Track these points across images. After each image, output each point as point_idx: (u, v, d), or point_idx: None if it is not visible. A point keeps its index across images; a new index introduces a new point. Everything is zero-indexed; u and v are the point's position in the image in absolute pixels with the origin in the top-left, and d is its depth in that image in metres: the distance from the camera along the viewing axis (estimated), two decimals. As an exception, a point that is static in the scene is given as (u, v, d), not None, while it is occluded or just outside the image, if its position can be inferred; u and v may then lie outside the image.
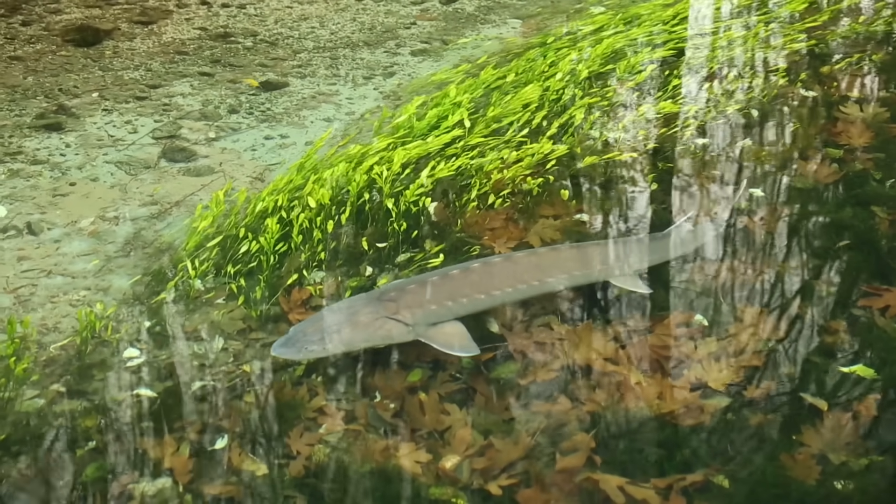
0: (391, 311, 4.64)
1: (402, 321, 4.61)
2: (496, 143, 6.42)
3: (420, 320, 4.65)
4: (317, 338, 4.53)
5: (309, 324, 4.67)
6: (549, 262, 5.10)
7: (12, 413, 4.41)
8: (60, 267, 5.66)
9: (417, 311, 4.66)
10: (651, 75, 7.60)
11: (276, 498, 3.94)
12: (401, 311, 4.64)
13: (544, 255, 5.17)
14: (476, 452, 4.09)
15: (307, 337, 4.53)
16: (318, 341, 4.52)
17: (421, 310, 4.67)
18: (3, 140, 7.27)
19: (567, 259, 5.16)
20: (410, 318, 4.63)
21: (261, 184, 6.64)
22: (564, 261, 5.14)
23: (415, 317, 4.64)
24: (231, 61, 8.99)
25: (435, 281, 4.83)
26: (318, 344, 4.51)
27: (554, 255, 5.18)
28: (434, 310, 4.70)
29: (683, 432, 4.19)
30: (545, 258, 5.14)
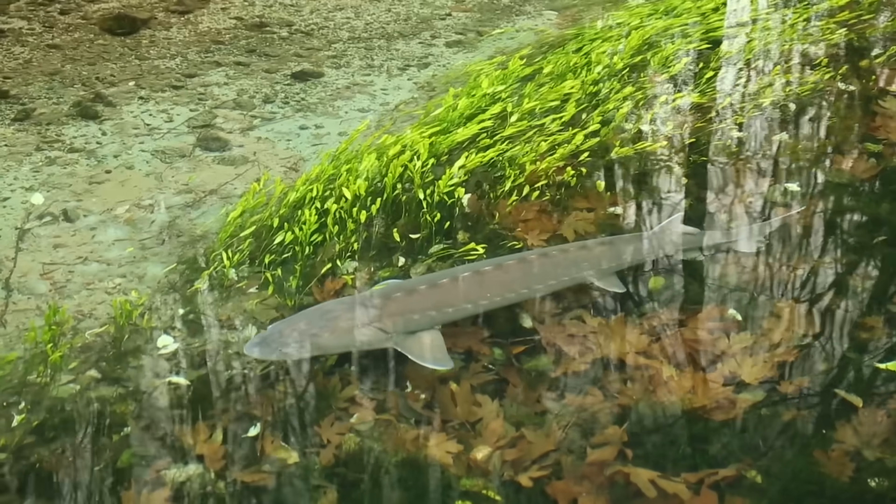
0: (372, 318, 4.58)
1: (382, 329, 4.55)
2: (530, 134, 6.40)
3: (401, 328, 4.58)
4: (293, 339, 4.46)
5: (287, 324, 4.58)
6: (538, 269, 4.99)
7: (48, 398, 4.45)
8: (96, 254, 5.70)
9: (399, 320, 4.59)
10: (686, 67, 7.55)
11: (306, 487, 3.95)
12: (382, 319, 4.57)
13: (534, 261, 5.01)
14: (507, 444, 4.09)
15: (283, 338, 4.46)
16: (293, 343, 4.45)
17: (402, 318, 4.60)
18: (41, 128, 7.33)
19: (557, 265, 5.03)
20: (391, 327, 4.56)
21: (295, 174, 6.66)
22: (553, 267, 5.01)
23: (395, 325, 4.57)
24: (266, 51, 9.01)
25: (422, 290, 4.74)
26: (294, 346, 4.44)
27: (543, 262, 5.02)
28: (416, 319, 4.62)
29: (716, 427, 4.16)
30: (534, 264, 5.00)
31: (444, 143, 6.19)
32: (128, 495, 3.90)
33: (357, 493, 3.92)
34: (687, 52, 7.95)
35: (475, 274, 4.85)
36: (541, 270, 4.96)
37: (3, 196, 6.33)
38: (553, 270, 4.98)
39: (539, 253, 5.10)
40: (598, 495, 3.81)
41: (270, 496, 3.91)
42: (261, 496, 3.92)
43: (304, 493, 3.91)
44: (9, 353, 4.78)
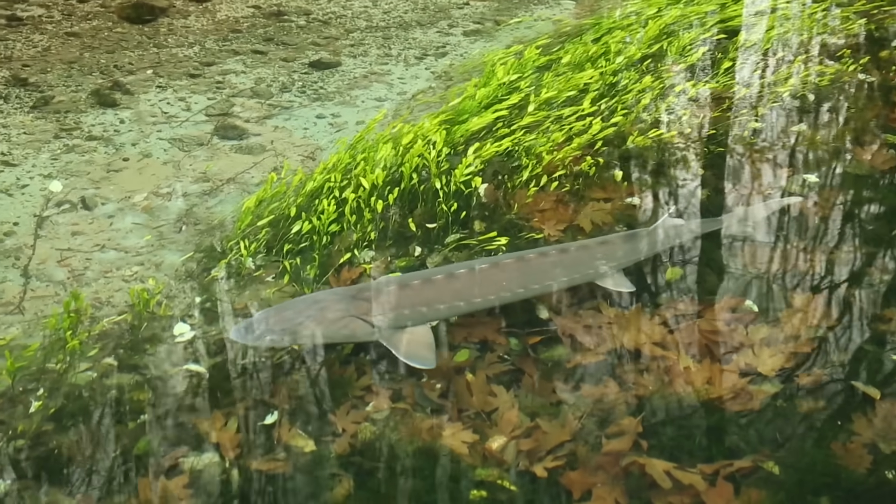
0: (361, 310, 4.53)
1: (369, 322, 4.50)
2: (547, 124, 6.38)
3: (390, 323, 4.53)
4: (278, 328, 4.44)
5: (274, 312, 4.56)
6: (534, 269, 4.87)
7: (66, 385, 4.47)
8: (113, 242, 5.72)
9: (388, 314, 4.55)
10: (704, 57, 7.52)
11: (322, 475, 3.96)
12: (371, 312, 4.53)
13: (532, 261, 4.89)
14: (522, 434, 4.09)
15: (269, 326, 4.44)
16: (278, 332, 4.43)
17: (392, 313, 4.56)
18: (60, 115, 7.35)
19: (555, 265, 4.91)
20: (379, 320, 4.52)
21: (312, 163, 6.67)
22: (551, 266, 4.90)
23: (384, 319, 4.53)
24: (284, 40, 9.02)
25: (415, 284, 4.69)
26: (279, 334, 4.43)
27: (540, 262, 4.90)
28: (406, 315, 4.58)
29: (732, 418, 4.16)
30: (532, 264, 4.88)
31: (459, 131, 6.19)
32: (144, 482, 3.91)
33: (372, 481, 3.93)
34: (705, 41, 7.92)
35: (470, 271, 4.78)
36: (539, 270, 4.87)
37: (22, 183, 6.36)
38: (551, 270, 4.89)
39: (538, 252, 4.98)
40: (613, 486, 3.81)
41: (286, 484, 3.93)
42: (277, 484, 3.93)
43: (320, 481, 3.92)
44: (27, 339, 4.81)
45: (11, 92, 7.76)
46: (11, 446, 4.11)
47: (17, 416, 4.28)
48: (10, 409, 4.34)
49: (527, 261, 4.89)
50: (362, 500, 3.84)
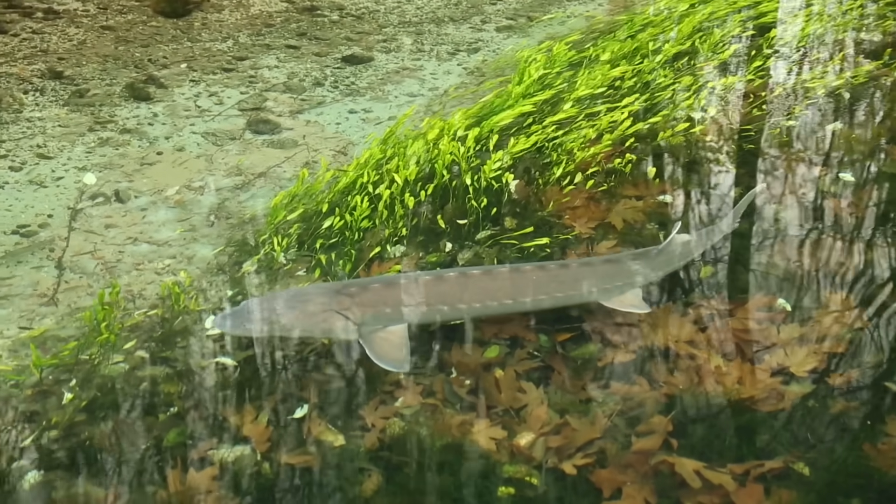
0: (343, 306, 4.45)
1: (350, 318, 4.43)
2: (579, 121, 6.36)
3: (370, 321, 4.45)
4: (259, 317, 4.41)
5: (258, 302, 4.54)
6: (529, 280, 4.71)
7: (98, 377, 4.50)
8: (146, 235, 5.76)
9: (369, 311, 4.46)
10: (738, 54, 7.47)
11: (351, 469, 3.97)
12: (352, 309, 4.44)
13: (527, 273, 4.74)
14: (551, 431, 4.08)
15: (250, 315, 4.42)
16: (258, 320, 4.40)
17: (373, 310, 4.47)
18: (94, 109, 7.41)
19: (551, 279, 4.72)
20: (359, 317, 4.43)
21: (343, 157, 6.68)
22: (547, 281, 4.71)
23: (364, 316, 4.44)
24: (317, 35, 9.04)
25: (402, 284, 4.63)
26: (258, 324, 4.40)
27: (537, 274, 4.74)
28: (388, 313, 4.50)
29: (763, 418, 4.13)
30: (527, 276, 4.73)
31: (488, 126, 6.16)
32: (174, 474, 3.94)
33: (401, 476, 3.93)
34: (739, 38, 7.87)
35: (461, 276, 4.69)
36: (533, 282, 4.71)
37: (57, 176, 6.41)
38: (546, 285, 4.70)
39: (536, 265, 4.84)
40: (642, 485, 3.80)
41: (316, 478, 3.94)
42: (306, 478, 3.94)
43: (349, 475, 3.93)
44: (61, 331, 4.85)
45: (47, 85, 7.82)
46: (45, 437, 4.15)
47: (50, 408, 4.32)
48: (43, 400, 4.38)
49: (522, 272, 4.76)
50: (391, 494, 3.85)
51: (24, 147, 6.79)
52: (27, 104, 7.48)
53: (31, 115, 7.29)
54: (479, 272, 4.74)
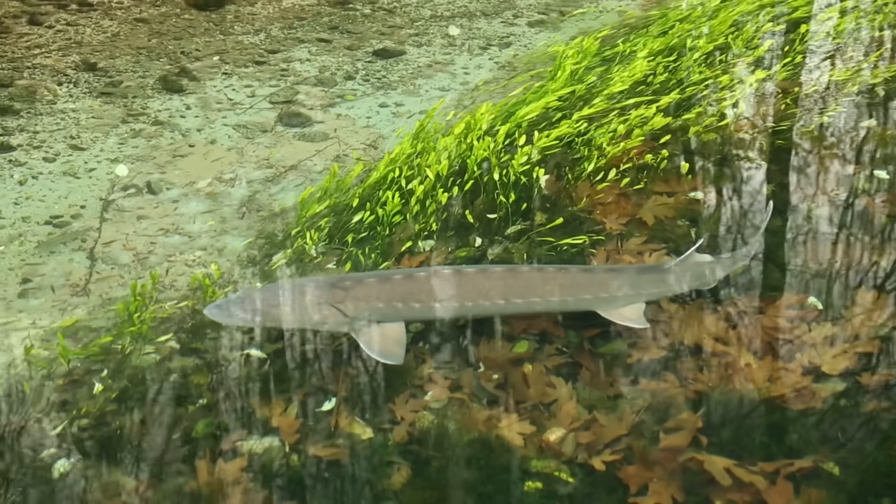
0: (337, 299, 4.46)
1: (343, 311, 4.44)
2: (611, 116, 6.33)
3: (363, 315, 4.46)
4: (251, 307, 4.45)
5: (254, 291, 4.59)
6: (522, 282, 4.67)
7: (129, 367, 4.53)
8: (177, 226, 5.79)
9: (363, 305, 4.47)
10: (771, 50, 7.42)
11: (380, 462, 3.97)
12: (346, 302, 4.45)
13: (522, 275, 4.73)
14: (580, 427, 4.07)
15: (243, 304, 4.46)
16: (250, 311, 4.44)
17: (367, 304, 4.47)
18: (127, 100, 7.45)
19: (546, 282, 4.66)
20: (352, 311, 4.44)
21: (374, 151, 6.69)
22: (541, 284, 4.66)
23: (358, 310, 4.45)
24: (349, 28, 9.05)
25: (396, 279, 4.61)
26: (250, 314, 4.44)
27: (532, 276, 4.72)
28: (381, 308, 4.50)
29: (793, 416, 4.10)
30: (521, 278, 4.70)
31: (515, 120, 6.14)
32: (203, 465, 3.96)
33: (429, 470, 3.94)
34: (773, 34, 7.81)
35: (455, 273, 4.67)
36: (528, 284, 4.66)
37: (90, 167, 6.46)
38: (541, 287, 4.65)
39: (537, 268, 4.84)
40: (670, 481, 3.78)
41: (344, 471, 3.95)
42: (334, 470, 3.95)
43: (377, 468, 3.93)
44: (92, 321, 4.89)
45: (81, 76, 7.87)
46: (75, 426, 4.18)
47: (81, 397, 4.35)
48: (74, 389, 4.41)
49: (518, 273, 4.75)
50: (419, 488, 3.85)
51: (57, 138, 6.84)
52: (61, 96, 7.54)
53: (65, 107, 7.34)
54: (473, 270, 4.72)
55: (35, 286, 5.22)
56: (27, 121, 7.09)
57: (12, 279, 5.28)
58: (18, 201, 6.03)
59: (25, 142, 6.77)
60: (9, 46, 8.40)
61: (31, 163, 6.50)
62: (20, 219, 5.84)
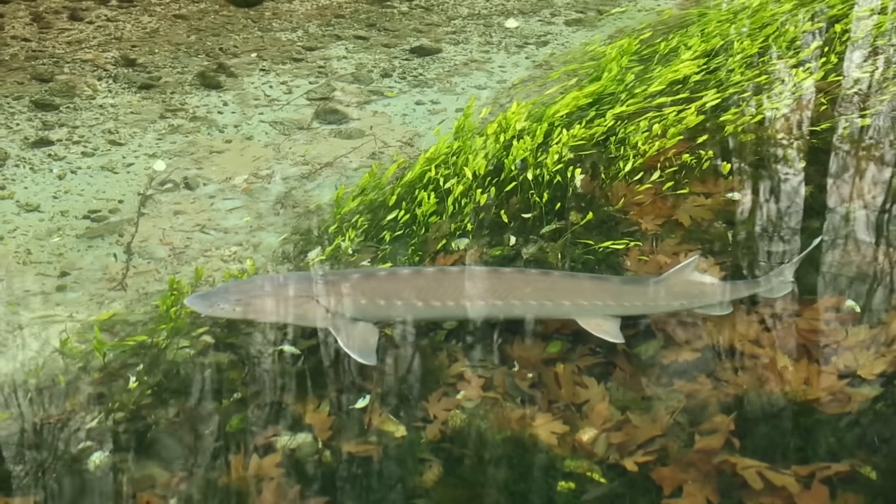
0: (319, 294, 4.47)
1: (324, 306, 4.44)
2: (648, 115, 6.29)
3: (345, 311, 4.45)
4: (232, 298, 4.43)
5: (236, 283, 4.59)
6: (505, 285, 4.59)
7: (165, 361, 4.56)
8: (213, 222, 5.82)
9: (345, 301, 4.46)
10: (811, 50, 7.35)
11: (412, 460, 3.98)
12: (328, 297, 4.46)
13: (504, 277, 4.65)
14: (613, 427, 4.06)
15: (226, 295, 4.45)
16: (231, 302, 4.42)
17: (350, 300, 4.47)
18: (166, 96, 7.50)
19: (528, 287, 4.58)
20: (334, 306, 4.44)
21: (410, 148, 6.69)
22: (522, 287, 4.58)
23: (339, 306, 4.44)
24: (386, 26, 9.07)
25: (381, 277, 4.58)
26: (231, 304, 4.42)
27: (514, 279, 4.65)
28: (363, 305, 4.48)
29: (829, 420, 4.07)
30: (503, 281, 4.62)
31: (547, 119, 6.12)
32: (237, 459, 3.98)
33: (461, 468, 3.94)
34: (811, 33, 7.74)
35: (439, 273, 4.67)
36: (509, 287, 4.59)
37: (128, 162, 6.51)
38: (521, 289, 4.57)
39: (517, 270, 4.79)
40: (703, 483, 3.76)
41: (377, 467, 3.95)
42: (367, 467, 3.96)
43: (409, 466, 3.94)
44: (129, 315, 4.93)
45: (120, 72, 7.93)
46: (111, 419, 4.22)
47: (117, 390, 4.39)
48: (110, 382, 4.45)
49: (501, 275, 4.68)
50: (451, 486, 3.85)
51: (96, 133, 6.90)
52: (100, 91, 7.60)
53: (104, 102, 7.40)
54: (456, 271, 4.69)
55: (73, 280, 5.27)
56: (67, 116, 7.16)
57: (51, 272, 5.33)
58: (57, 195, 6.09)
59: (65, 136, 6.83)
60: (49, 42, 8.48)
61: (70, 157, 6.56)
62: (59, 213, 5.89)
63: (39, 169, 6.39)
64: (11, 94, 7.46)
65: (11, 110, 7.18)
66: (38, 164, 6.45)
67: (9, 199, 6.02)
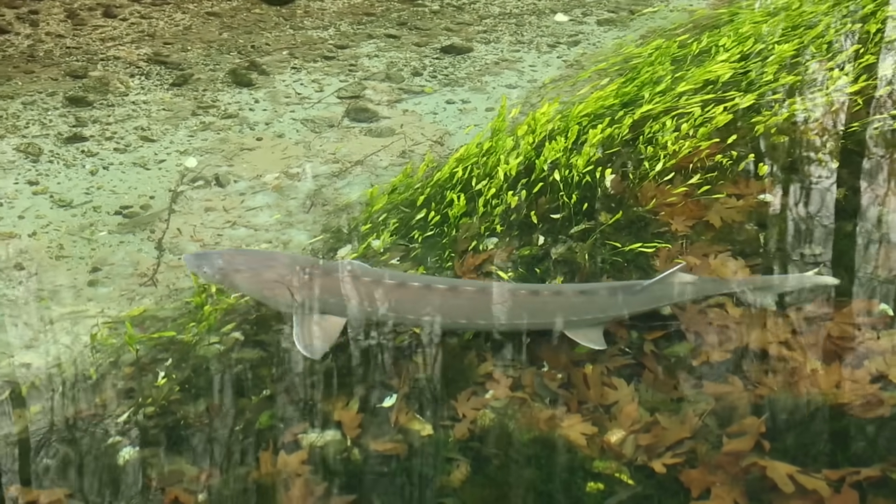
0: (297, 281, 4.50)
1: (293, 294, 4.48)
2: (687, 116, 6.25)
3: (313, 303, 4.47)
4: (216, 266, 4.58)
5: (230, 252, 4.76)
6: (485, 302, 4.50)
7: (194, 357, 4.58)
8: (244, 219, 5.84)
9: (315, 294, 4.49)
10: (846, 51, 7.29)
11: (440, 459, 3.98)
12: (302, 286, 4.49)
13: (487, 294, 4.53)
14: (642, 429, 4.04)
15: (213, 261, 4.61)
16: (214, 269, 4.59)
17: (320, 294, 4.50)
18: (198, 93, 7.54)
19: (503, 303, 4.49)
20: (302, 297, 4.47)
21: (440, 147, 6.70)
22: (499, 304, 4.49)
23: (308, 297, 4.47)
24: (417, 24, 9.07)
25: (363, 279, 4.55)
26: (212, 271, 4.59)
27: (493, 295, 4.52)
28: (332, 303, 4.49)
29: (860, 424, 4.03)
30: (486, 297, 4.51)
31: (574, 118, 6.10)
32: (265, 456, 3.99)
33: (489, 468, 3.94)
34: (846, 34, 7.68)
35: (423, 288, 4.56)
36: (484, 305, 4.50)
37: (160, 158, 6.54)
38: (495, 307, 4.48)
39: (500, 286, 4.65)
40: (732, 486, 3.74)
41: (404, 466, 3.96)
42: (394, 465, 3.96)
43: (437, 464, 3.94)
44: (159, 311, 4.96)
45: (153, 69, 7.98)
46: (141, 413, 4.24)
47: (146, 385, 4.41)
48: (140, 378, 4.48)
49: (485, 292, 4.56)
50: (478, 485, 3.85)
51: (128, 129, 6.95)
52: (133, 87, 7.65)
53: (137, 99, 7.45)
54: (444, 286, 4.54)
55: (104, 275, 5.31)
56: (100, 112, 7.21)
57: (82, 268, 5.37)
58: (90, 191, 6.14)
59: (97, 133, 6.88)
60: (83, 38, 8.54)
61: (102, 153, 6.60)
62: (91, 208, 5.93)
63: (72, 165, 6.44)
64: (45, 90, 7.52)
65: (45, 106, 7.24)
66: (70, 159, 6.50)
67: (42, 195, 6.07)
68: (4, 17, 8.85)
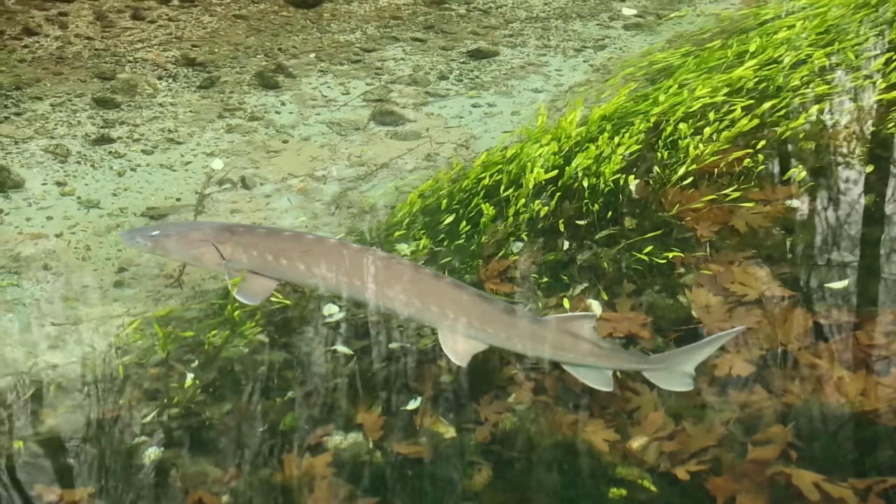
0: (222, 239, 4.53)
1: (220, 252, 4.51)
2: (713, 122, 6.21)
3: (241, 262, 4.49)
4: (149, 235, 4.71)
5: (162, 224, 4.93)
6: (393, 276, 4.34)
7: (219, 359, 4.60)
8: (269, 221, 5.86)
9: (242, 253, 4.48)
10: (872, 55, 7.24)
11: (462, 462, 3.98)
12: (229, 245, 4.51)
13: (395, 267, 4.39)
14: (666, 436, 4.03)
15: (149, 232, 4.74)
16: (147, 238, 4.70)
17: (247, 254, 4.48)
18: (224, 96, 7.57)
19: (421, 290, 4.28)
20: (230, 255, 4.50)
21: (465, 150, 6.69)
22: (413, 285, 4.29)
23: (235, 256, 4.49)
24: (444, 28, 9.08)
25: (285, 236, 4.55)
26: (145, 240, 4.71)
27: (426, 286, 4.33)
28: (255, 257, 4.47)
29: (887, 432, 4.00)
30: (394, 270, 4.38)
31: (593, 122, 6.08)
32: (289, 458, 4.00)
33: (511, 472, 3.93)
34: (875, 39, 7.63)
35: (339, 246, 4.47)
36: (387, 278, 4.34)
37: (186, 160, 6.57)
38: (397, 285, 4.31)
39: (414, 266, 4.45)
40: (757, 494, 3.72)
41: (426, 469, 3.96)
42: (417, 468, 3.96)
43: (459, 468, 3.94)
44: (185, 312, 4.98)
45: (180, 71, 8.02)
46: (166, 414, 4.26)
47: (171, 386, 4.43)
48: (165, 379, 4.49)
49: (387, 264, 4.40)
50: (500, 489, 3.85)
51: (155, 131, 6.98)
52: (161, 90, 7.69)
53: (164, 101, 7.49)
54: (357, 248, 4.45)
55: (130, 276, 5.33)
56: (127, 114, 7.25)
57: (109, 269, 5.40)
58: (117, 192, 6.17)
59: (125, 134, 6.92)
60: (112, 40, 8.60)
61: (129, 155, 6.64)
62: (118, 209, 5.96)
63: (100, 166, 6.47)
64: (74, 91, 7.57)
65: (74, 108, 7.29)
66: (98, 161, 6.54)
67: (70, 196, 6.10)
68: (34, 18, 8.92)
